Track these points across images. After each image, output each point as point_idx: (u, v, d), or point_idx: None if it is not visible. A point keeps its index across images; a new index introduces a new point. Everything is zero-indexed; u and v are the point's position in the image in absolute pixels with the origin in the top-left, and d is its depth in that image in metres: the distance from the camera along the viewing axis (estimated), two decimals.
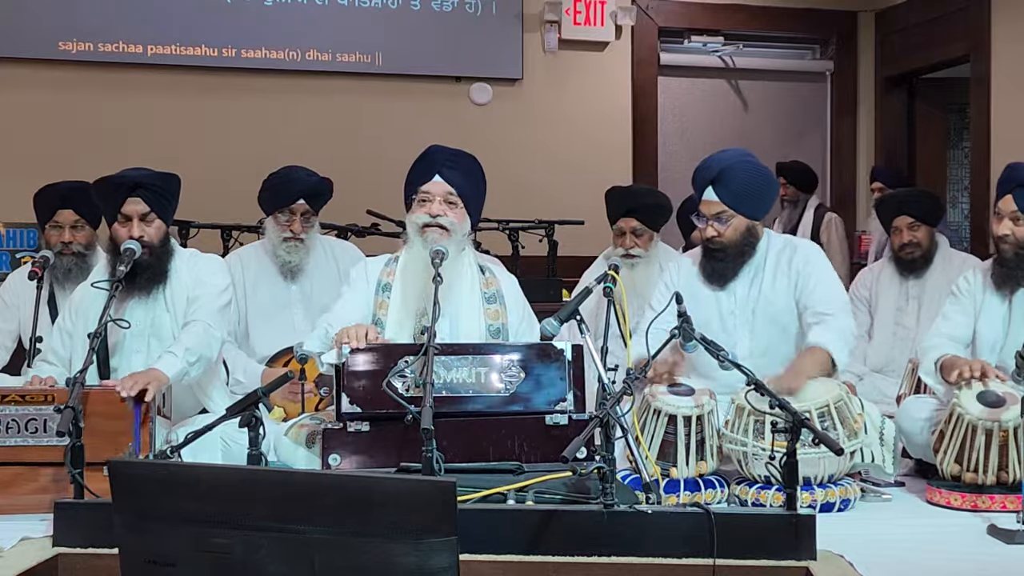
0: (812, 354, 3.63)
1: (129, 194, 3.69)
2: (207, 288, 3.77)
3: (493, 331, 3.57)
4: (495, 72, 6.90)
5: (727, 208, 3.79)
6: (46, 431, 3.30)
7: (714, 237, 3.82)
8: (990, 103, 6.40)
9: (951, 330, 3.91)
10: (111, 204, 3.74)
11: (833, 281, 3.87)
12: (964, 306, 3.92)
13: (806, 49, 7.84)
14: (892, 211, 5.09)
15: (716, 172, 3.78)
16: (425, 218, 3.52)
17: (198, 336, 3.63)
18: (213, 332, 3.68)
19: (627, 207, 4.76)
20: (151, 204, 3.71)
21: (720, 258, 3.85)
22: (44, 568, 2.73)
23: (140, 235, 3.67)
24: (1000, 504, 3.42)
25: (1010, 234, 3.79)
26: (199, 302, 3.73)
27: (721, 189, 3.78)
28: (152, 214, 3.71)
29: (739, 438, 3.49)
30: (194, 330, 3.65)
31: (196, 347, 3.60)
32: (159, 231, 3.74)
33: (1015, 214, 3.78)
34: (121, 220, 3.71)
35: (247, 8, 6.52)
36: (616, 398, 2.87)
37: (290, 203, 4.45)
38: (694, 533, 2.65)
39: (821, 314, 3.74)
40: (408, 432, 3.06)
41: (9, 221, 5.75)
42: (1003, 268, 3.84)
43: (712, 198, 3.79)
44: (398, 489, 1.73)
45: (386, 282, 3.61)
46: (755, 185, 3.84)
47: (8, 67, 6.22)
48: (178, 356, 3.54)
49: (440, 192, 3.54)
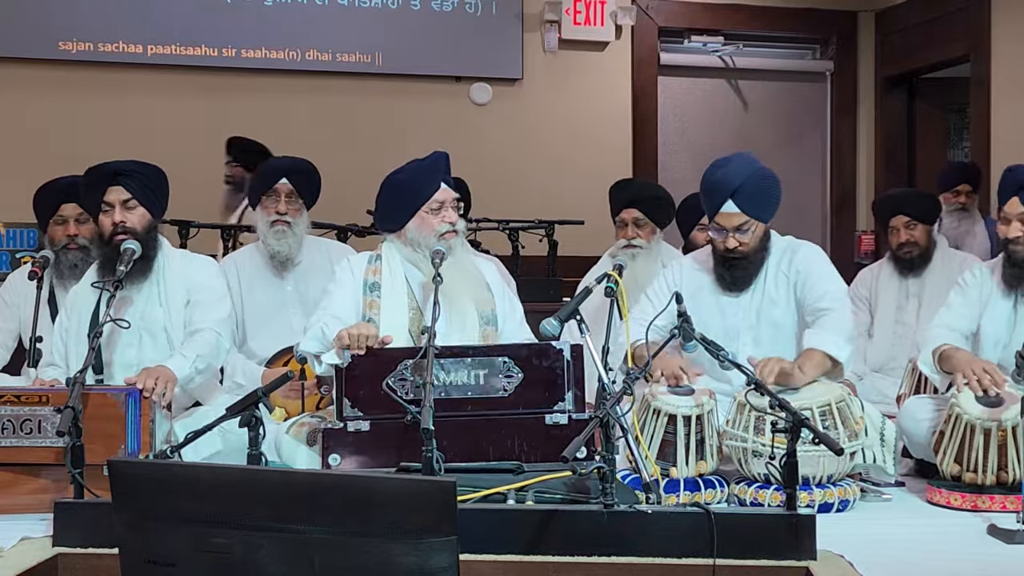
0: (808, 358, 3.62)
1: (110, 182, 3.74)
2: (210, 292, 3.81)
3: (484, 319, 3.63)
4: (495, 72, 6.90)
5: (749, 219, 3.78)
6: (40, 432, 3.29)
7: (736, 247, 3.81)
8: (990, 103, 6.40)
9: (953, 320, 3.91)
10: (95, 194, 3.78)
11: (830, 276, 3.85)
12: (970, 298, 3.92)
13: (806, 49, 7.84)
14: (889, 211, 5.11)
15: (736, 185, 3.75)
16: (446, 226, 3.65)
17: (209, 345, 3.69)
18: (223, 342, 3.75)
19: (630, 198, 4.76)
20: (132, 191, 3.74)
21: (743, 266, 3.85)
22: (44, 568, 2.73)
23: (121, 220, 3.71)
24: (1000, 504, 3.42)
25: (1021, 235, 3.78)
26: (203, 308, 3.76)
27: (742, 201, 3.75)
28: (134, 200, 3.74)
29: (739, 434, 3.49)
30: (205, 338, 3.69)
31: (206, 355, 3.66)
32: (143, 219, 3.75)
33: (1022, 215, 3.77)
34: (105, 209, 3.75)
35: (247, 8, 6.52)
36: (616, 398, 2.87)
37: (273, 183, 4.48)
38: (694, 533, 2.65)
39: (820, 310, 3.74)
40: (408, 432, 3.06)
41: (9, 221, 5.75)
42: (1014, 268, 3.83)
43: (733, 210, 3.76)
44: (398, 489, 1.73)
45: (373, 281, 3.66)
46: (771, 191, 3.84)
47: (8, 67, 6.22)
48: (188, 360, 3.59)
49: (450, 199, 3.69)
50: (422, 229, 3.65)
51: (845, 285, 3.95)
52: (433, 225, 3.64)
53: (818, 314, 3.74)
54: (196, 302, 3.78)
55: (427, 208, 3.65)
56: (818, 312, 3.74)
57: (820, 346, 3.63)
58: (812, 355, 3.62)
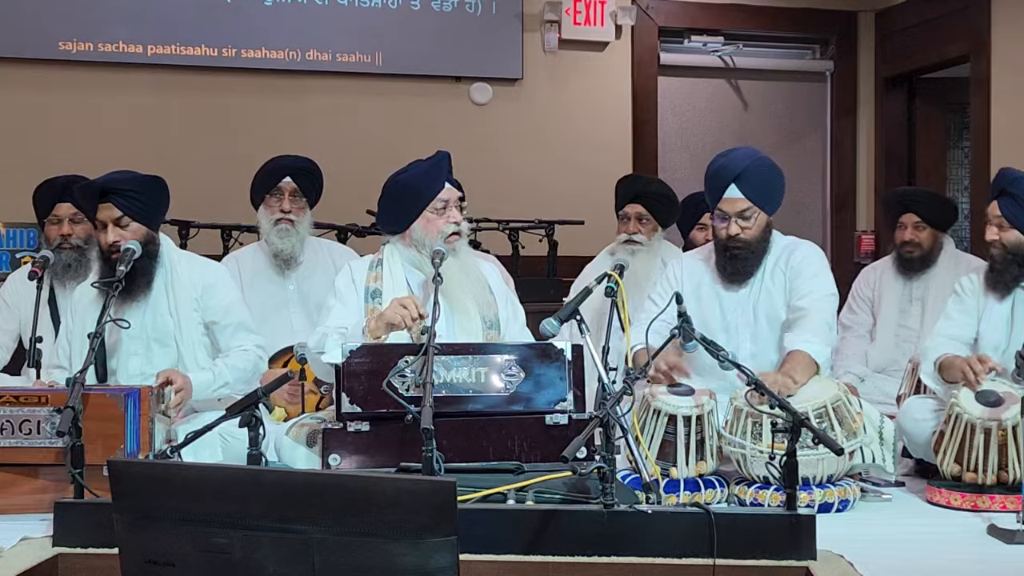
0: (796, 362, 3.61)
1: (100, 200, 3.66)
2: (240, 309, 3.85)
3: (488, 323, 3.60)
4: (495, 72, 6.89)
5: (752, 204, 3.80)
6: (40, 432, 3.29)
7: (738, 235, 3.81)
8: (990, 103, 6.39)
9: (952, 330, 3.92)
10: (88, 210, 3.75)
11: (817, 275, 3.84)
12: (967, 305, 3.94)
13: (806, 49, 7.83)
14: (902, 206, 5.07)
15: (739, 170, 3.78)
16: (452, 227, 3.64)
17: (248, 369, 3.73)
18: (262, 365, 3.79)
19: (634, 193, 4.76)
20: (123, 209, 3.65)
21: (744, 256, 3.85)
22: (44, 568, 2.73)
23: (116, 239, 3.64)
24: (1000, 504, 3.42)
25: (997, 239, 3.83)
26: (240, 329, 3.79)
27: (745, 186, 3.78)
28: (126, 218, 3.66)
29: (737, 440, 3.49)
30: (248, 359, 3.74)
31: (236, 380, 3.69)
32: (137, 232, 3.67)
33: (999, 220, 3.82)
34: (99, 226, 3.70)
35: (247, 8, 6.52)
36: (616, 398, 2.87)
37: (277, 181, 4.48)
38: (694, 533, 2.65)
39: (799, 309, 3.75)
40: (408, 432, 3.06)
41: (9, 221, 5.74)
42: (993, 272, 3.88)
43: (736, 195, 3.79)
44: (398, 489, 1.72)
45: (374, 288, 3.64)
46: (774, 181, 3.87)
47: (8, 67, 6.21)
48: (216, 382, 3.64)
49: (454, 199, 3.68)
50: (427, 230, 3.63)
51: (833, 287, 3.89)
52: (439, 226, 3.62)
53: (797, 313, 3.74)
54: (229, 323, 3.78)
55: (432, 209, 3.63)
56: (797, 311, 3.75)
57: (804, 347, 3.63)
58: (799, 358, 3.62)
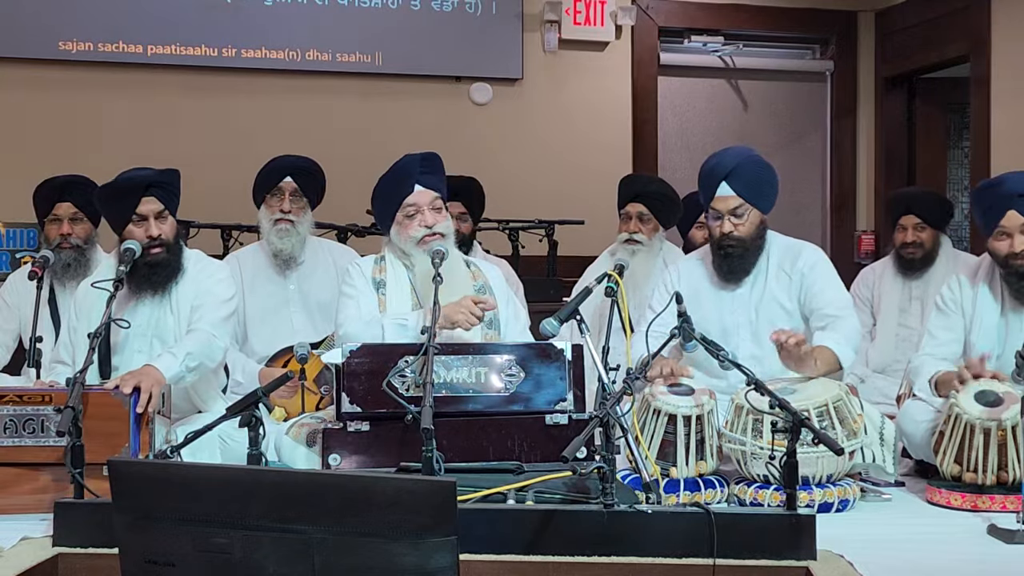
0: (822, 352, 3.64)
1: (144, 193, 3.68)
2: (212, 297, 3.76)
3: (486, 322, 3.60)
4: (495, 72, 6.89)
5: (744, 202, 3.80)
6: (43, 431, 3.29)
7: (731, 232, 3.82)
8: (990, 103, 6.40)
9: (936, 350, 3.87)
10: (125, 207, 3.69)
11: (838, 283, 3.91)
12: (951, 321, 3.87)
13: (806, 49, 7.84)
14: (903, 208, 5.07)
15: (731, 167, 3.79)
16: (422, 231, 3.60)
17: (201, 344, 3.62)
18: (216, 342, 3.68)
19: (635, 192, 4.76)
20: (164, 202, 3.71)
21: (738, 254, 3.86)
22: (44, 568, 2.73)
23: (158, 233, 3.67)
24: (1000, 504, 3.42)
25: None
26: (203, 310, 3.72)
27: (736, 183, 3.79)
28: (166, 211, 3.72)
29: (738, 437, 3.49)
30: (198, 337, 3.64)
31: (197, 353, 3.58)
32: (173, 228, 3.75)
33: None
34: (136, 220, 3.68)
35: (247, 8, 6.52)
36: (616, 398, 2.87)
37: (278, 181, 4.47)
38: (694, 533, 2.65)
39: (828, 316, 3.77)
40: (408, 432, 3.06)
41: (9, 221, 5.75)
42: (1022, 282, 3.73)
43: (728, 192, 3.80)
44: (398, 489, 1.72)
45: (380, 279, 3.67)
46: (767, 178, 3.88)
47: (8, 67, 6.22)
48: (177, 358, 3.52)
49: (426, 201, 3.63)
50: (400, 234, 3.65)
51: (848, 293, 3.99)
52: (408, 231, 3.62)
53: (827, 320, 3.76)
54: (198, 305, 3.74)
55: (402, 213, 3.63)
56: (827, 318, 3.77)
57: (834, 347, 3.65)
58: (825, 352, 3.65)
